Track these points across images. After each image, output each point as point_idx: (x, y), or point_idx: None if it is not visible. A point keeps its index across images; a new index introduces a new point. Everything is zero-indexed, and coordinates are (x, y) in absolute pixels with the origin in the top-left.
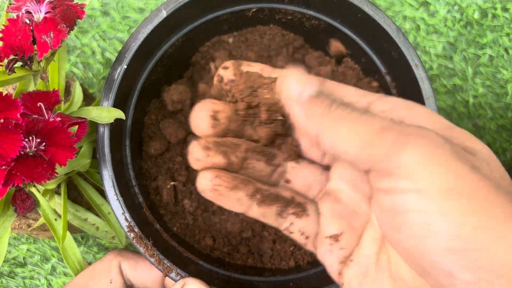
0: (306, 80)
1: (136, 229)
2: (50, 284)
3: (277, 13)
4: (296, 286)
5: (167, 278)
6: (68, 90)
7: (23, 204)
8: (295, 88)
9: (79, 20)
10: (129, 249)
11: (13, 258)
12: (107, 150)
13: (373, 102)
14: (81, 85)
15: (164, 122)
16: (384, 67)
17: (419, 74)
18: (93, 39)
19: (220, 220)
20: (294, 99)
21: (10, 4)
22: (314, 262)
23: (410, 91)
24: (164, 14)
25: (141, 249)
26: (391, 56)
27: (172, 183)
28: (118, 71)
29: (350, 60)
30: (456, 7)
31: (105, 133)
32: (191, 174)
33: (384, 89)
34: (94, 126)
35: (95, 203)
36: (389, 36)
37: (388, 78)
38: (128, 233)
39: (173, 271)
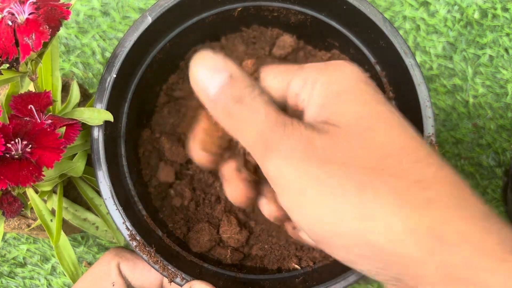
0: (214, 66)
1: (138, 237)
2: (50, 284)
3: (262, 11)
4: (303, 280)
5: (165, 279)
6: (67, 90)
7: (10, 208)
8: (203, 76)
9: (78, 20)
10: (126, 248)
11: (13, 258)
12: (103, 161)
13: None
14: (81, 85)
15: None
16: (373, 57)
17: (409, 61)
18: (93, 39)
19: None
20: (205, 93)
21: None
22: (318, 259)
23: (400, 78)
24: (149, 20)
25: (145, 257)
26: (379, 45)
27: (172, 188)
28: (108, 80)
29: (338, 52)
30: (456, 7)
31: (100, 144)
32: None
33: (375, 79)
34: (89, 136)
35: (93, 203)
36: (376, 25)
37: (378, 68)
38: (130, 242)
39: (178, 276)
